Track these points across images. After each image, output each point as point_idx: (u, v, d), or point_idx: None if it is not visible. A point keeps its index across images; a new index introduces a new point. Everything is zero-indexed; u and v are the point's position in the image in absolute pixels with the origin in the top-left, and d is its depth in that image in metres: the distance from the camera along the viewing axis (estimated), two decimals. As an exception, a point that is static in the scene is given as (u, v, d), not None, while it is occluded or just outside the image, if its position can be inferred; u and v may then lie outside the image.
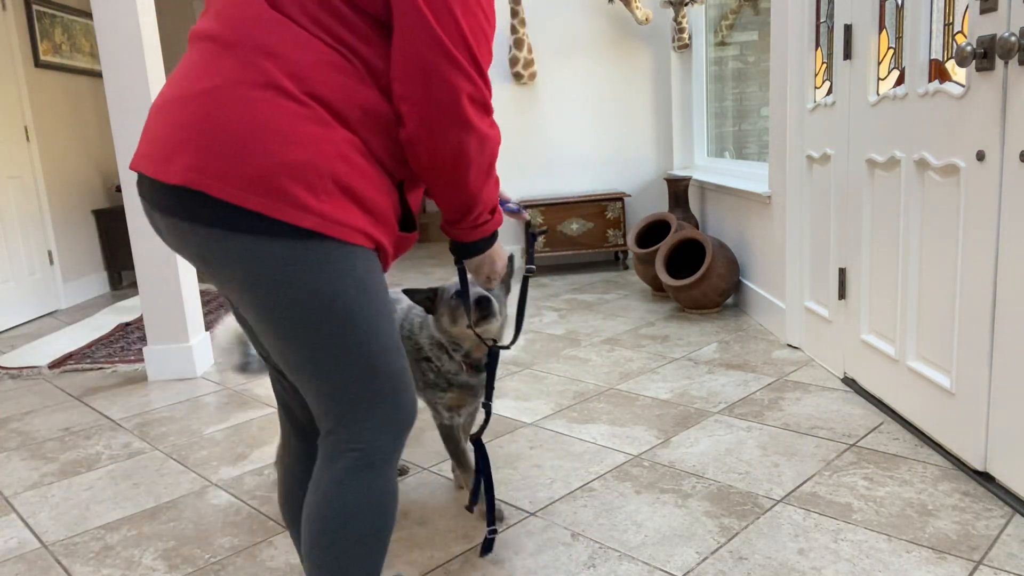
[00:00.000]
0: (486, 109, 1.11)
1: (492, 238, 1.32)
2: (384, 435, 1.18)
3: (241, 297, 1.11)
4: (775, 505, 1.84)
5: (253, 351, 2.05)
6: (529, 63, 4.98)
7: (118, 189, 5.65)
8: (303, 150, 1.01)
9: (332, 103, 1.04)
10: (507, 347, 1.72)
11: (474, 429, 2.05)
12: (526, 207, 4.95)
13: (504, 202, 1.57)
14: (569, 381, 2.86)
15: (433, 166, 1.12)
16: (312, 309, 1.07)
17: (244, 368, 2.04)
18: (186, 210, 1.04)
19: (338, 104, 1.04)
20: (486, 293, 1.67)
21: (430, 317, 1.79)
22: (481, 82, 1.08)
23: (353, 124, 1.06)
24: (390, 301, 1.21)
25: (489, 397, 1.74)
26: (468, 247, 1.30)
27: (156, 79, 3.11)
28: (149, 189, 1.09)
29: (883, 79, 2.32)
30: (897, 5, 2.24)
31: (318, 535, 1.19)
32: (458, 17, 1.04)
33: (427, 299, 1.76)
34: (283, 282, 1.05)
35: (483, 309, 1.65)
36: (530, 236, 1.63)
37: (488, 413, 1.73)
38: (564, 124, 5.22)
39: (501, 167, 5.23)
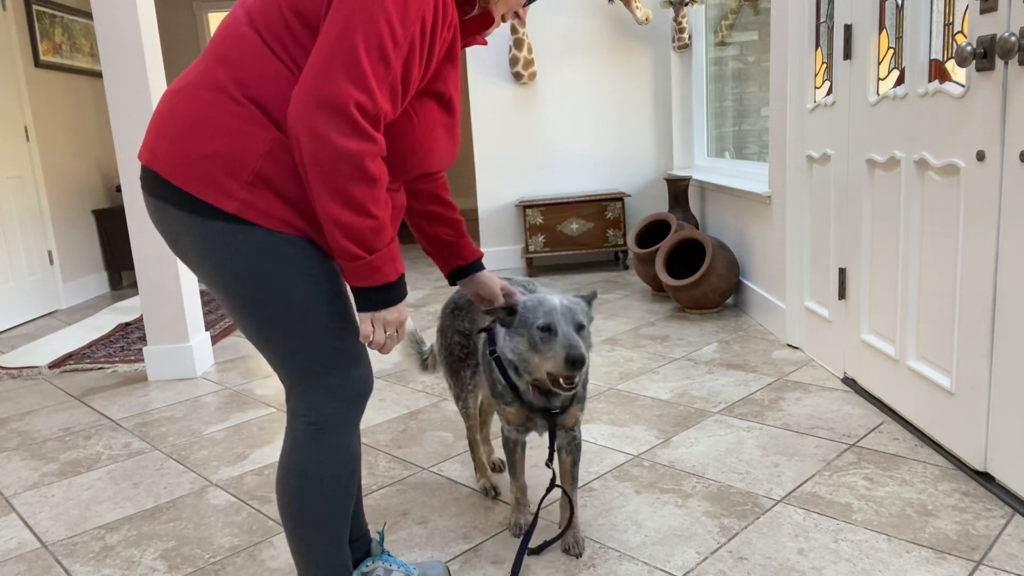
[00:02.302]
0: (335, 111, 1.09)
1: (384, 293, 1.21)
2: (332, 405, 1.29)
3: (199, 274, 1.27)
4: (775, 505, 1.84)
5: (427, 347, 2.04)
6: (529, 63, 4.98)
7: (118, 189, 5.65)
8: (232, 144, 1.16)
9: (269, 109, 1.17)
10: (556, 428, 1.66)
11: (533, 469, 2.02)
12: (526, 206, 4.95)
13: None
14: (569, 381, 2.85)
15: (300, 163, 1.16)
16: (251, 286, 1.21)
17: (425, 367, 2.02)
18: (148, 186, 1.23)
19: (274, 110, 1.17)
20: (581, 348, 1.46)
21: (503, 330, 1.62)
22: (350, 86, 1.09)
23: (286, 128, 1.17)
24: (340, 284, 1.29)
25: (552, 458, 1.69)
26: (357, 295, 1.23)
27: (156, 79, 3.11)
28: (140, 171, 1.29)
29: (883, 79, 2.32)
30: (897, 5, 2.24)
31: (281, 495, 1.34)
32: (356, 38, 1.11)
33: (506, 314, 1.59)
34: (225, 259, 1.20)
35: (572, 367, 1.46)
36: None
37: (552, 483, 1.69)
38: (564, 124, 5.22)
39: (502, 167, 5.24)
